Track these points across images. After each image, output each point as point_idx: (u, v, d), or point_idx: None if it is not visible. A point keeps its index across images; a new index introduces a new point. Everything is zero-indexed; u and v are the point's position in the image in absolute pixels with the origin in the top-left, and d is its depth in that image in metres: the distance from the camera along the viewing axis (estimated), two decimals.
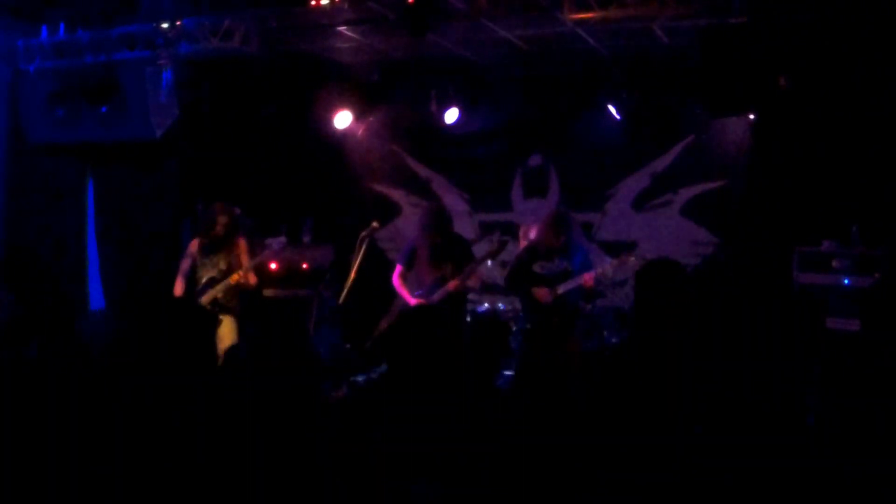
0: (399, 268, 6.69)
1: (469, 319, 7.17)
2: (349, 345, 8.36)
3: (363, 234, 6.72)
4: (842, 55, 5.91)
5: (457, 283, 6.35)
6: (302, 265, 8.60)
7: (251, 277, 6.81)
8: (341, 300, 6.77)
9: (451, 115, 8.66)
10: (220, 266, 6.75)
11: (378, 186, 9.71)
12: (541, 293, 6.42)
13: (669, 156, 8.43)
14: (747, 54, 6.07)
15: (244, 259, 6.79)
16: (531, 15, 6.76)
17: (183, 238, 7.78)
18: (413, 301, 6.45)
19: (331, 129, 9.03)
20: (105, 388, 2.92)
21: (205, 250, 6.80)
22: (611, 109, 8.18)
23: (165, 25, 7.06)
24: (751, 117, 7.62)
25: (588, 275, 6.35)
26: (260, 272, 7.08)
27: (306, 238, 9.07)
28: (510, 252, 7.51)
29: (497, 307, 7.99)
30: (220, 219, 6.77)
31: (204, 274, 6.77)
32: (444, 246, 6.46)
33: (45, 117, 7.73)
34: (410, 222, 8.77)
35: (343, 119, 8.97)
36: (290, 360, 3.06)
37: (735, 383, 3.25)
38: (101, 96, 7.48)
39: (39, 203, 8.28)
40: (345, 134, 9.26)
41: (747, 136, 7.86)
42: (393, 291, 6.73)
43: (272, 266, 8.19)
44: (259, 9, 6.89)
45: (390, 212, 9.57)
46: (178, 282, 6.81)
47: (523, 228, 7.89)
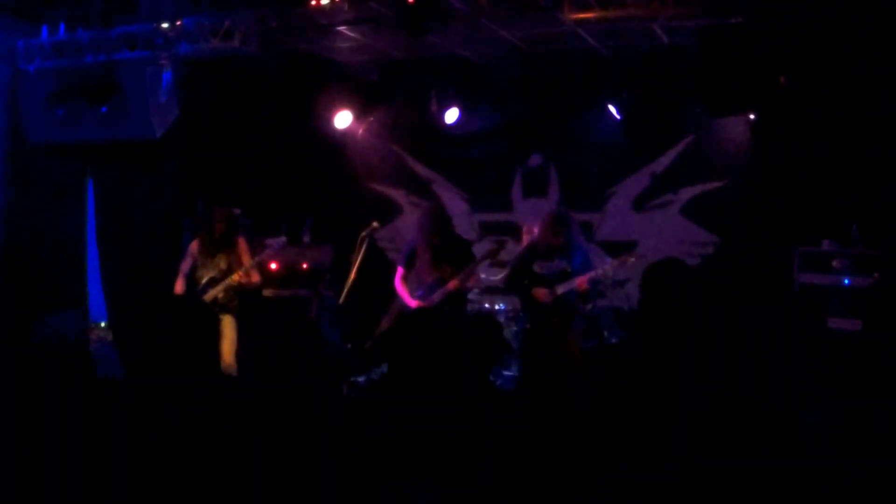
0: (400, 270, 6.69)
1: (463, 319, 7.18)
2: (349, 345, 8.36)
3: (363, 234, 6.73)
4: (842, 55, 5.91)
5: (456, 284, 6.35)
6: (302, 265, 8.60)
7: (254, 275, 6.83)
8: (341, 300, 6.77)
9: (451, 115, 8.66)
10: (221, 266, 6.77)
11: (378, 186, 9.71)
12: (540, 293, 6.42)
13: (669, 156, 8.43)
14: (747, 54, 6.06)
15: (245, 259, 6.81)
16: (531, 15, 6.76)
17: (184, 238, 7.78)
18: (413, 302, 6.46)
19: (331, 129, 9.03)
20: (106, 389, 2.92)
21: (205, 250, 6.83)
22: (611, 109, 8.19)
23: (165, 25, 7.05)
24: (751, 117, 7.63)
25: (580, 279, 6.36)
26: (260, 272, 7.09)
27: (306, 238, 9.07)
28: (510, 252, 7.51)
29: (497, 307, 7.99)
30: (220, 219, 6.81)
31: (204, 274, 6.79)
32: (444, 246, 6.46)
33: (45, 117, 7.72)
34: (410, 222, 8.76)
35: (343, 119, 8.96)
36: (303, 360, 3.07)
37: (735, 383, 3.25)
38: (101, 96, 7.47)
39: (39, 203, 8.26)
40: (345, 134, 9.25)
41: (747, 136, 7.86)
42: (393, 291, 6.74)
43: (272, 266, 8.20)
44: (259, 9, 6.88)
45: (390, 212, 9.57)
46: (179, 282, 6.85)
47: (526, 228, 7.89)
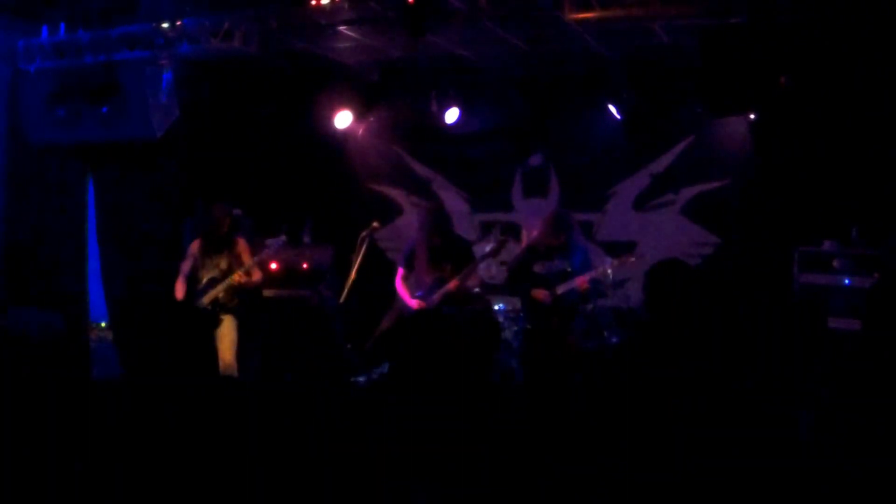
0: (401, 270, 6.70)
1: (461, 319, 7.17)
2: (350, 345, 8.36)
3: (363, 234, 6.73)
4: (842, 55, 5.91)
5: (456, 284, 6.35)
6: (302, 265, 8.60)
7: (255, 274, 6.83)
8: (342, 300, 6.77)
9: (452, 115, 8.65)
10: (221, 266, 6.79)
11: (378, 186, 9.71)
12: (540, 294, 6.42)
13: (670, 156, 8.43)
14: (747, 54, 6.06)
15: (245, 258, 6.82)
16: (531, 15, 6.76)
17: (185, 238, 7.79)
18: (413, 303, 6.45)
19: (331, 129, 9.02)
20: (108, 389, 2.92)
21: (205, 251, 6.85)
22: (611, 109, 8.18)
23: (166, 25, 7.05)
24: (751, 117, 7.62)
25: (580, 279, 6.35)
26: (260, 271, 7.09)
27: (306, 238, 9.07)
28: (510, 252, 7.50)
29: (497, 307, 7.98)
30: (220, 219, 6.83)
31: (205, 274, 6.81)
32: (444, 246, 6.46)
33: (46, 117, 7.72)
34: (411, 222, 8.76)
35: (343, 119, 8.96)
36: (312, 359, 3.08)
37: (736, 382, 3.25)
38: (102, 96, 7.47)
39: (40, 203, 8.26)
40: (345, 134, 9.25)
41: (748, 136, 7.86)
42: (394, 291, 6.74)
43: (272, 266, 8.20)
44: (259, 9, 6.88)
45: (391, 212, 9.56)
46: (179, 282, 6.85)
47: (526, 228, 7.88)
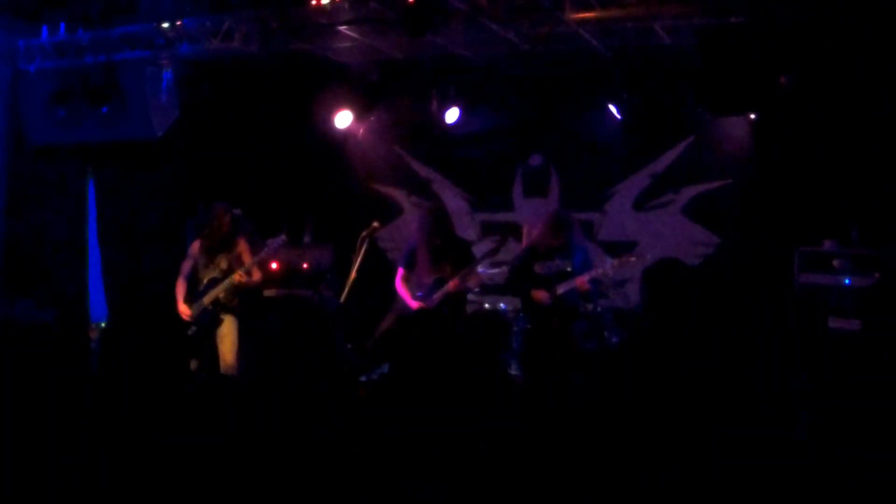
0: (401, 270, 6.69)
1: (466, 317, 7.17)
2: (350, 345, 8.36)
3: (364, 234, 6.73)
4: (842, 55, 5.91)
5: (456, 284, 6.35)
6: (302, 265, 8.60)
7: (255, 274, 6.83)
8: (342, 300, 6.77)
9: (452, 115, 8.65)
10: (222, 266, 6.79)
11: (379, 186, 9.71)
12: (539, 294, 6.42)
13: (670, 156, 8.43)
14: (747, 54, 6.06)
15: (246, 258, 6.82)
16: (532, 15, 6.76)
17: (187, 239, 7.79)
18: (413, 303, 6.45)
19: (331, 129, 9.02)
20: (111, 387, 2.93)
21: (206, 251, 6.85)
22: (611, 109, 8.18)
23: (166, 25, 7.06)
24: (751, 117, 7.62)
25: (580, 278, 6.35)
26: (260, 271, 7.09)
27: (307, 238, 9.07)
28: (510, 252, 7.50)
29: (497, 307, 7.99)
30: (221, 219, 6.82)
31: (205, 275, 6.81)
32: (444, 247, 6.46)
33: (46, 118, 7.72)
34: (411, 222, 8.77)
35: (343, 119, 8.96)
36: (314, 360, 3.08)
37: (736, 382, 3.25)
38: (102, 96, 7.48)
39: (40, 203, 8.27)
40: (345, 134, 9.25)
41: (748, 136, 7.86)
42: (394, 291, 6.74)
43: (273, 266, 8.20)
44: (259, 9, 6.89)
45: (391, 212, 9.56)
46: (180, 283, 6.86)
47: (526, 228, 7.88)
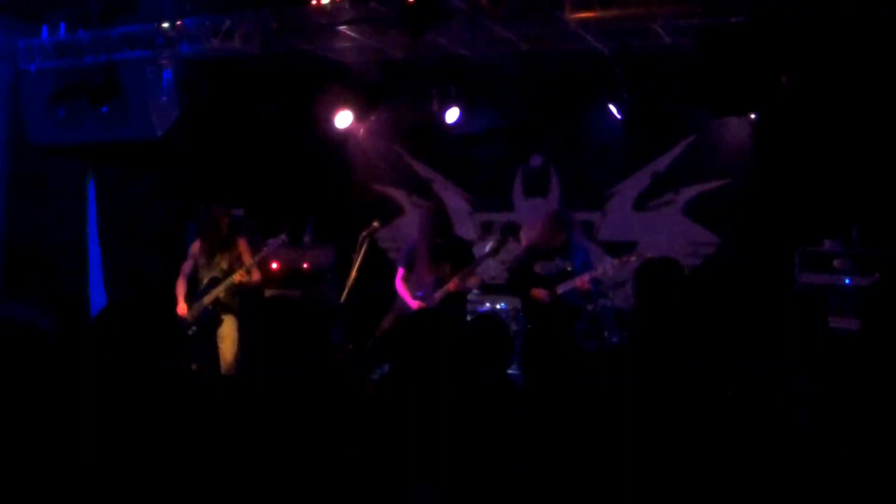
0: (401, 270, 6.70)
1: (469, 318, 7.17)
2: (350, 345, 8.36)
3: (364, 234, 6.72)
4: (842, 55, 5.91)
5: (456, 283, 6.35)
6: (302, 265, 8.61)
7: (255, 274, 6.84)
8: (342, 300, 6.77)
9: (452, 115, 8.64)
10: (222, 266, 6.80)
11: (379, 186, 9.71)
12: (539, 293, 6.42)
13: (670, 155, 8.43)
14: (748, 54, 6.06)
15: (246, 258, 6.83)
16: (532, 14, 6.75)
17: (189, 239, 7.81)
18: (414, 303, 6.45)
19: (331, 129, 9.01)
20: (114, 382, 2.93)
21: (206, 251, 6.86)
22: (611, 109, 8.18)
23: (166, 25, 7.06)
24: (752, 117, 7.62)
25: (580, 278, 6.34)
26: (261, 270, 7.10)
27: (307, 238, 9.07)
28: (510, 252, 7.50)
29: (497, 307, 7.98)
30: (221, 219, 6.84)
31: (206, 275, 6.82)
32: (444, 246, 6.46)
33: (46, 117, 7.73)
34: (411, 222, 8.77)
35: (344, 119, 8.95)
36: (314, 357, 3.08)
37: (736, 382, 3.26)
38: (102, 96, 7.48)
39: (40, 203, 8.27)
40: (345, 134, 9.24)
41: (748, 136, 7.86)
42: (394, 291, 6.74)
43: (273, 266, 8.20)
44: (260, 9, 6.89)
45: (391, 211, 9.56)
46: (180, 283, 6.87)
47: (525, 228, 7.88)
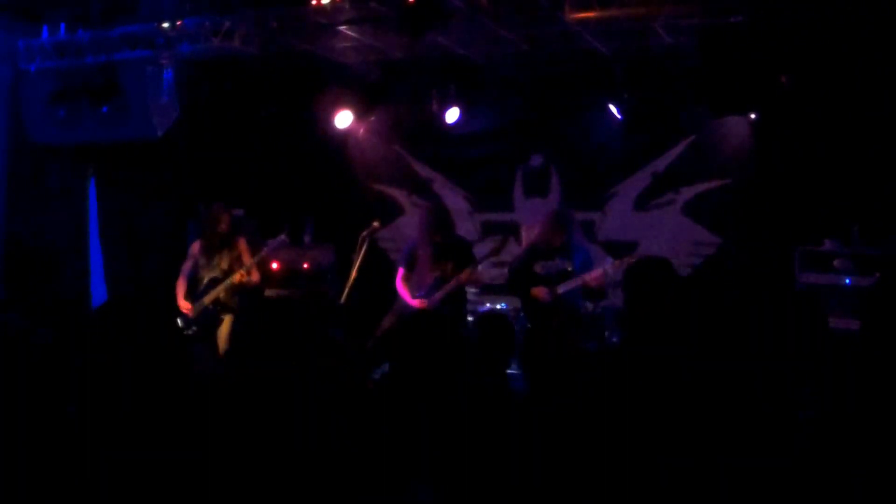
0: (401, 270, 6.69)
1: (472, 319, 7.17)
2: (350, 345, 8.36)
3: (364, 234, 6.73)
4: (842, 55, 5.91)
5: (456, 283, 6.35)
6: (303, 265, 8.61)
7: (254, 274, 6.84)
8: (342, 300, 6.77)
9: (452, 115, 8.65)
10: (222, 266, 6.81)
11: (379, 186, 9.71)
12: (540, 293, 6.41)
13: (670, 155, 8.43)
14: (748, 54, 6.07)
15: (246, 258, 6.84)
16: (532, 14, 6.76)
17: (189, 239, 7.81)
18: (414, 303, 6.45)
19: (332, 129, 9.02)
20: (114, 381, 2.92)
21: (206, 251, 6.87)
22: (612, 109, 8.18)
23: (166, 25, 7.06)
24: (752, 117, 7.62)
25: (590, 275, 6.32)
26: (261, 270, 7.10)
27: (307, 238, 9.07)
28: (510, 252, 7.50)
29: (497, 307, 7.98)
30: (221, 219, 6.84)
31: (206, 275, 6.83)
32: (444, 246, 6.46)
33: (47, 117, 7.74)
34: (412, 222, 8.77)
35: (344, 119, 8.95)
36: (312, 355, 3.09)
37: (736, 383, 3.25)
38: (102, 96, 7.49)
39: (41, 203, 8.28)
40: (346, 134, 9.25)
41: (748, 136, 7.86)
42: (394, 291, 6.74)
43: (273, 266, 8.21)
44: (259, 9, 6.89)
45: (392, 211, 9.57)
46: (181, 283, 6.87)
47: (525, 228, 7.87)
